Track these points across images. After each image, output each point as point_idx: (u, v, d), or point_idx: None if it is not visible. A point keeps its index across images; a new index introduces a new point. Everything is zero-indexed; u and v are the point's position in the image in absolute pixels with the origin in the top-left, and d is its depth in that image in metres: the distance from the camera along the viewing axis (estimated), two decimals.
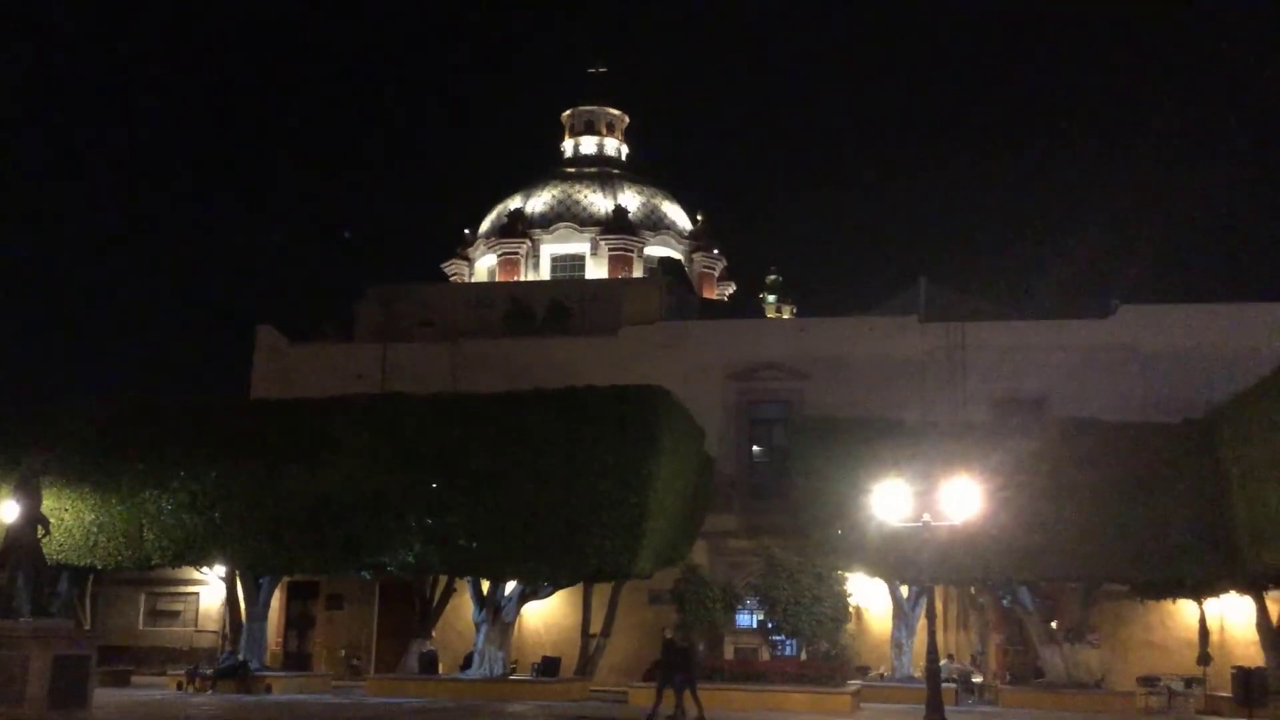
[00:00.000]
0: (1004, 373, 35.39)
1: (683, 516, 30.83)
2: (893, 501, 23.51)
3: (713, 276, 55.48)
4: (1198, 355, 33.98)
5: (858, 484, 26.56)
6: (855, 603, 32.30)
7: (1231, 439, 26.37)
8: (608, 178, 55.35)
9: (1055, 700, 28.39)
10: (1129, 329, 35.79)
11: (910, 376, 35.99)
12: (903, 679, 29.84)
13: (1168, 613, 33.32)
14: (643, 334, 38.62)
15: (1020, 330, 36.65)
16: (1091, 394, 33.39)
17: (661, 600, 32.28)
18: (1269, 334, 32.21)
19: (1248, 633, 30.90)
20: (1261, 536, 25.24)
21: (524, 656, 33.28)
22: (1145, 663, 32.17)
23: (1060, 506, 27.73)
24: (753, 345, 38.18)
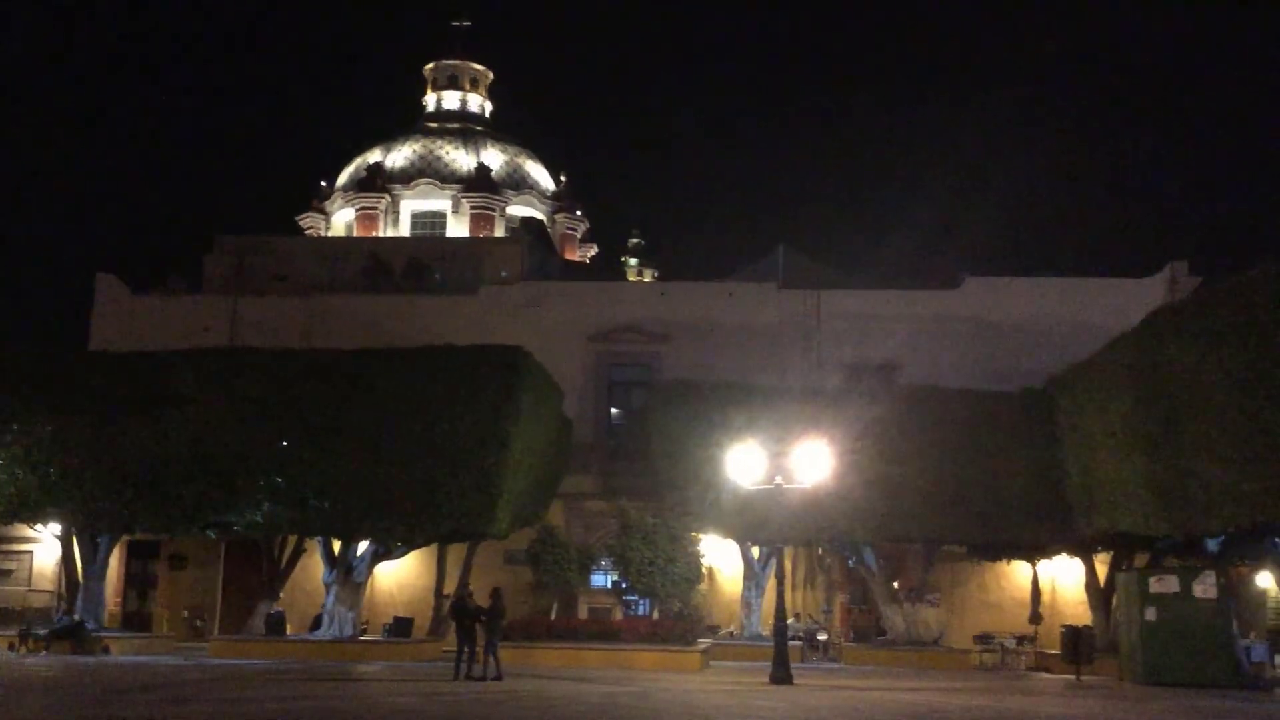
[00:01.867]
0: (857, 340, 36.36)
1: (540, 477, 30.84)
2: (747, 464, 23.95)
3: (575, 238, 55.34)
4: (1039, 327, 35.45)
5: (714, 447, 26.98)
6: (708, 563, 32.85)
7: (1067, 408, 27.55)
8: (471, 135, 54.56)
9: (895, 657, 29.46)
10: (975, 300, 37.08)
11: (768, 342, 36.64)
12: (751, 637, 30.54)
13: (1003, 573, 34.83)
14: (503, 294, 38.33)
15: (873, 299, 37.60)
16: (938, 362, 34.58)
17: (517, 560, 32.28)
18: (1106, 308, 33.68)
19: (1077, 593, 32.53)
20: (1092, 501, 26.50)
21: (376, 617, 32.91)
22: (981, 621, 33.57)
23: (905, 471, 28.65)
24: (613, 308, 38.27)
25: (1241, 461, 20.07)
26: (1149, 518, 23.94)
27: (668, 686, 21.10)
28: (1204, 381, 21.00)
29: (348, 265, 41.59)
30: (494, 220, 51.06)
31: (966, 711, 18.24)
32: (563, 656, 26.41)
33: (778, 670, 22.45)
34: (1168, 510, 23.11)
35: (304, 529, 29.14)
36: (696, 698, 19.38)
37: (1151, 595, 25.34)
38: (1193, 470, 21.67)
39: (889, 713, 17.71)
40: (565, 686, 20.85)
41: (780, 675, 22.34)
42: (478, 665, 22.04)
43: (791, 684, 22.01)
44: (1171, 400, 22.17)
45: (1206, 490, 21.34)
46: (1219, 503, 21.13)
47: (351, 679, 22.30)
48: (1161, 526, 23.98)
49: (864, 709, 18.26)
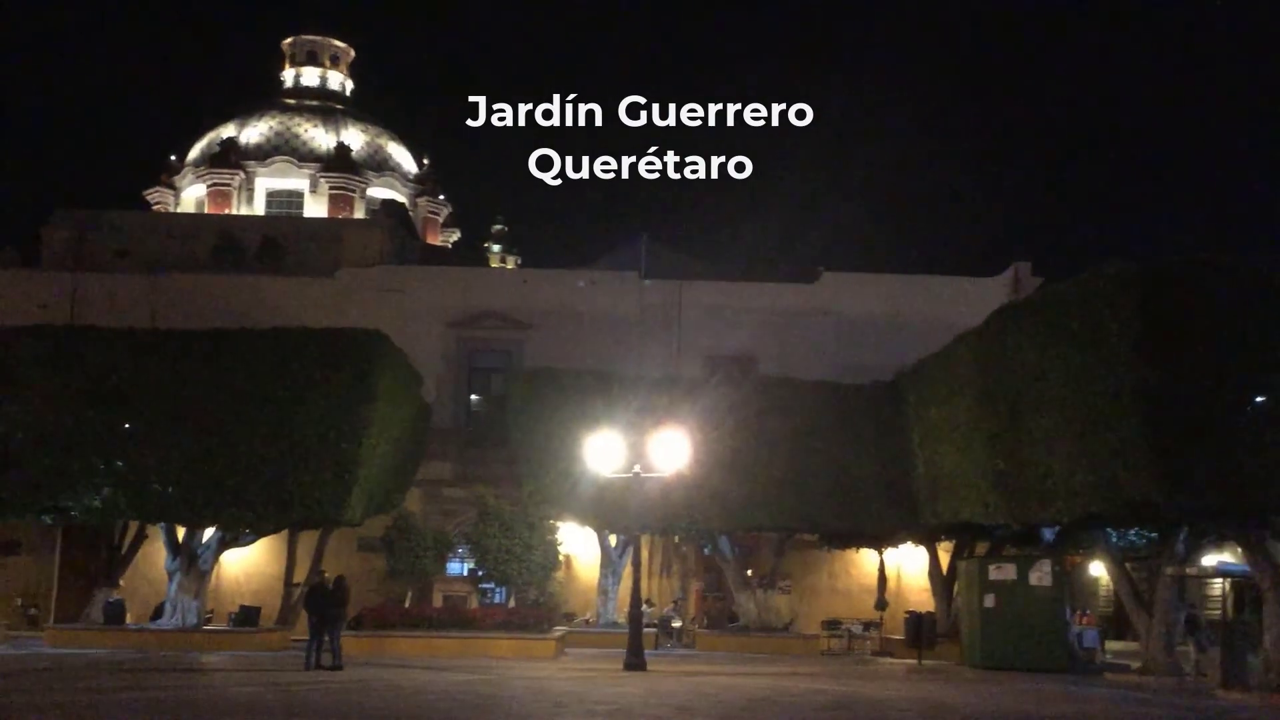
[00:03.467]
0: (716, 330, 36.78)
1: (397, 464, 30.39)
2: (606, 452, 24.06)
3: (437, 222, 54.65)
4: (891, 322, 36.37)
5: (573, 435, 26.98)
6: (565, 551, 32.85)
7: (915, 401, 28.40)
8: (330, 113, 53.33)
9: (746, 643, 30.00)
10: (831, 294, 37.90)
11: (629, 331, 36.80)
12: (607, 624, 30.69)
13: (852, 561, 35.76)
14: (362, 277, 37.60)
15: (732, 291, 38.11)
16: (795, 354, 35.21)
17: (371, 548, 31.75)
18: (954, 305, 34.75)
19: (921, 580, 33.61)
20: (937, 492, 27.39)
21: (221, 606, 31.95)
22: (830, 607, 34.40)
23: (760, 461, 29.14)
24: (475, 294, 37.92)
25: (1076, 455, 20.98)
26: (989, 508, 24.84)
27: (522, 674, 21.08)
28: (1044, 377, 21.87)
29: (198, 243, 40.23)
30: (354, 201, 50.06)
31: (812, 695, 18.71)
32: (416, 645, 26.11)
33: (632, 657, 22.63)
34: (1007, 501, 24.01)
35: (146, 515, 28.12)
36: (550, 685, 19.42)
37: (990, 583, 26.39)
38: (1031, 463, 22.55)
39: (738, 697, 18.03)
40: (418, 675, 20.65)
41: (634, 662, 22.52)
42: (328, 655, 21.65)
43: (645, 670, 22.23)
44: (1013, 395, 23.02)
45: (1044, 482, 22.23)
46: (1055, 494, 22.04)
47: (194, 669, 21.67)
48: (1001, 516, 24.92)
49: (714, 694, 18.55)
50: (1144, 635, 26.52)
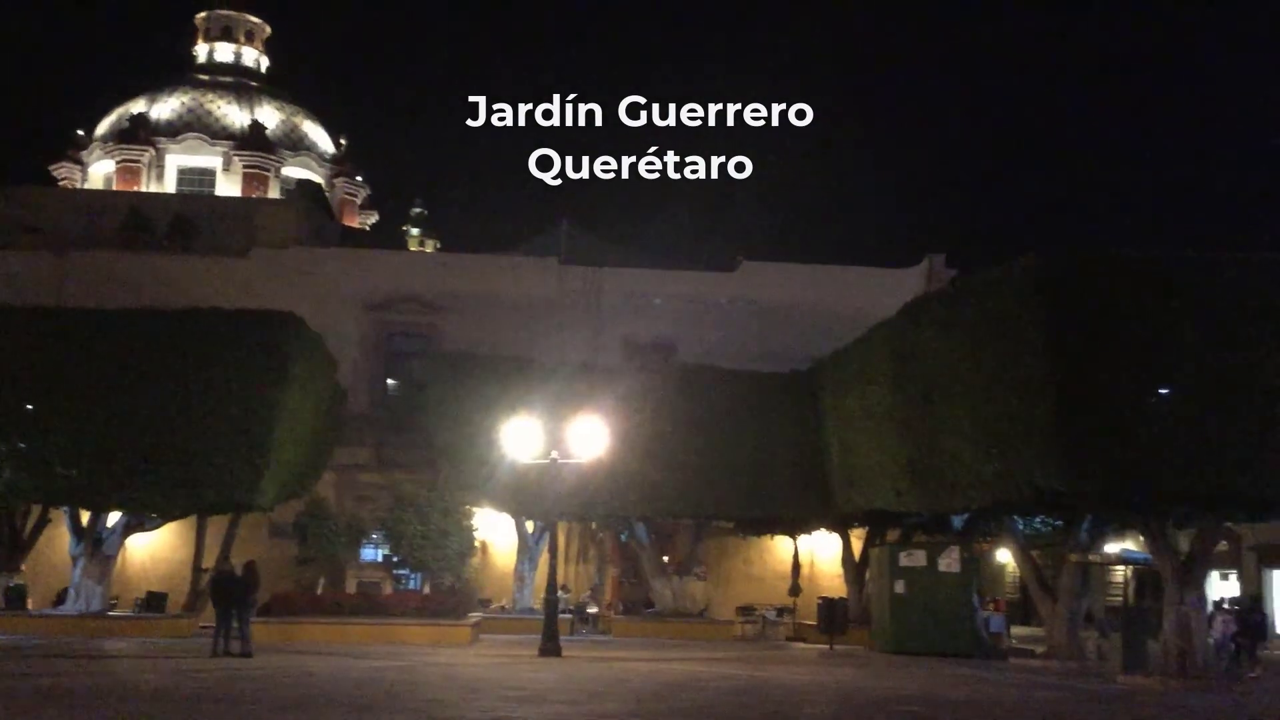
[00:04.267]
0: (636, 317, 36.86)
1: (310, 449, 29.93)
2: (524, 438, 23.98)
3: (354, 204, 53.91)
4: (810, 311, 36.72)
5: (491, 420, 26.83)
6: (482, 537, 32.73)
7: (830, 390, 28.73)
8: (245, 90, 52.26)
9: (662, 629, 30.19)
10: (750, 283, 38.19)
11: (549, 316, 36.69)
12: (523, 611, 30.65)
13: (766, 548, 36.15)
14: (276, 258, 36.96)
15: (653, 278, 38.20)
16: (713, 341, 35.44)
17: (284, 534, 31.33)
18: (871, 295, 35.08)
19: (834, 566, 34.11)
20: (851, 480, 27.76)
21: (127, 592, 31.25)
22: (745, 593, 34.73)
23: (678, 448, 29.27)
24: (393, 277, 37.52)
25: (986, 444, 21.39)
26: (901, 496, 25.25)
27: (436, 660, 20.96)
28: (955, 368, 22.25)
29: (106, 220, 39.23)
30: (268, 181, 49.15)
31: (725, 680, 18.88)
32: (329, 632, 25.81)
33: (547, 643, 22.64)
34: (919, 489, 24.41)
35: (49, 498, 27.36)
36: (464, 671, 19.34)
37: (901, 569, 26.84)
38: (942, 452, 22.94)
39: (652, 682, 18.12)
40: (330, 662, 20.41)
41: (549, 648, 22.53)
42: (236, 642, 21.30)
43: (560, 656, 22.25)
44: (925, 385, 23.38)
45: (954, 471, 22.64)
46: (965, 483, 22.46)
47: (99, 656, 21.17)
48: (912, 504, 25.35)
49: (628, 679, 18.62)
50: (1048, 621, 27.20)
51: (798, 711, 15.36)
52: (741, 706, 15.59)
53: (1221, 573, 35.44)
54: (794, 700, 16.57)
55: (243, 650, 21.12)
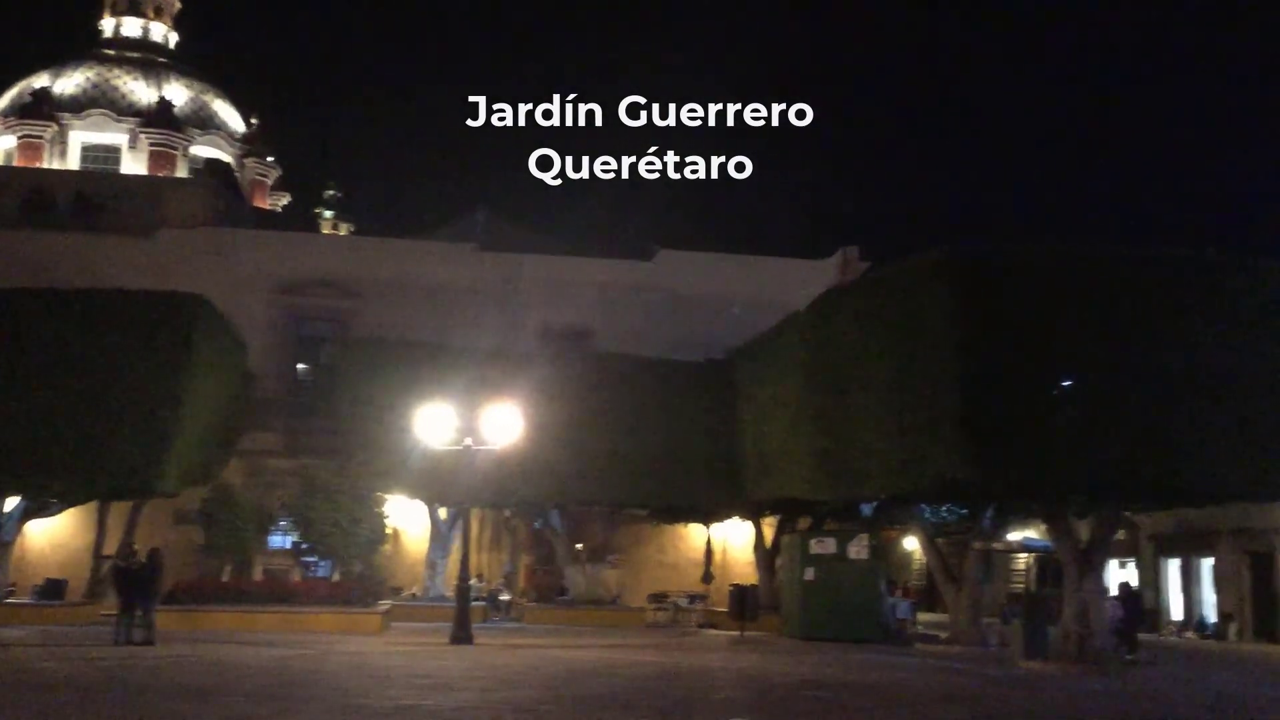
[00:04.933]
0: (553, 304, 36.77)
1: (217, 434, 29.36)
2: (437, 425, 23.78)
3: (266, 185, 52.86)
4: (726, 301, 36.93)
5: (404, 406, 26.55)
6: (393, 524, 32.44)
7: (745, 379, 28.98)
8: (152, 66, 50.91)
9: (575, 616, 30.23)
10: (666, 272, 38.30)
11: (465, 302, 36.41)
12: (435, 598, 30.46)
13: (680, 535, 36.38)
14: (184, 238, 36.16)
15: (570, 265, 38.12)
16: (630, 329, 35.46)
17: (189, 520, 30.73)
18: (786, 286, 35.46)
19: (746, 554, 34.44)
20: (764, 468, 28.02)
21: (25, 579, 30.38)
22: (658, 581, 34.94)
23: (593, 435, 29.29)
24: (305, 260, 36.93)
25: (895, 434, 21.71)
26: (813, 484, 25.53)
27: (345, 649, 20.73)
28: (866, 359, 22.55)
29: (6, 197, 38.02)
30: (176, 160, 47.96)
31: (636, 666, 18.97)
32: (235, 620, 25.39)
33: (458, 630, 22.54)
34: (830, 478, 24.70)
35: None
36: (374, 659, 19.16)
37: (811, 556, 27.21)
38: (854, 441, 23.23)
39: (563, 669, 18.15)
40: (236, 650, 20.09)
41: (461, 635, 22.43)
42: (139, 630, 20.85)
43: (472, 644, 22.17)
44: (838, 375, 23.66)
45: (864, 460, 22.95)
46: (874, 471, 22.77)
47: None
48: (824, 493, 25.66)
49: (539, 666, 18.63)
50: (952, 607, 27.80)
51: (708, 697, 15.50)
52: (652, 692, 15.68)
53: (1120, 561, 36.50)
54: (704, 685, 16.71)
55: (145, 639, 20.68)
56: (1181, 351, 19.61)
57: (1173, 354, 19.60)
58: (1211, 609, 33.10)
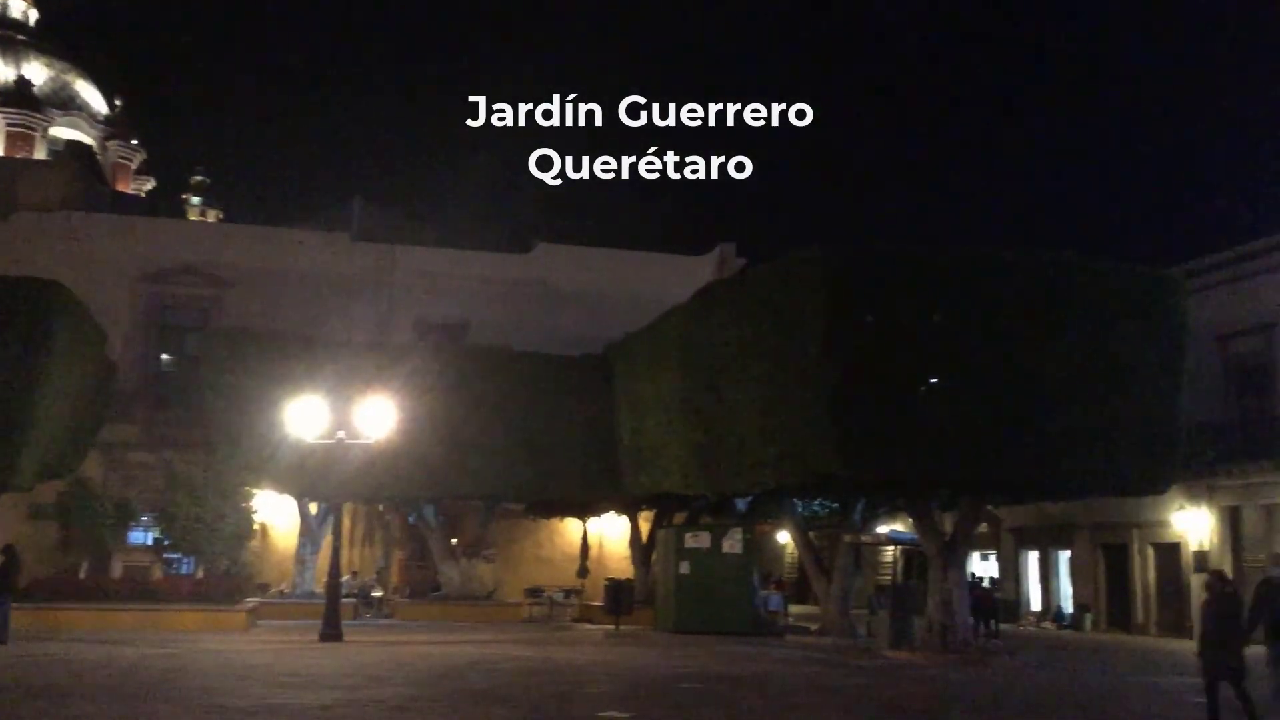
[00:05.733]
0: (429, 296, 36.27)
1: (74, 425, 28.11)
2: (308, 417, 23.27)
3: (129, 169, 51.06)
4: (605, 295, 36.88)
5: (273, 399, 25.91)
6: (261, 520, 31.65)
7: (622, 374, 29.06)
8: (10, 43, 48.72)
9: (449, 612, 29.93)
10: (544, 265, 38.12)
11: (339, 293, 35.63)
12: (304, 595, 29.83)
13: (556, 530, 36.31)
14: (40, 222, 34.63)
15: (447, 257, 37.65)
16: (509, 323, 35.15)
17: (45, 515, 29.49)
18: (664, 281, 35.53)
19: (622, 548, 34.58)
20: (640, 462, 28.15)
21: None
22: (534, 575, 34.82)
23: (469, 429, 29.01)
24: (170, 247, 35.71)
25: (768, 429, 22.05)
26: (689, 479, 25.78)
27: (209, 648, 20.17)
28: (741, 355, 22.85)
29: None
30: (34, 141, 46.01)
31: (510, 661, 18.88)
32: (93, 618, 24.44)
33: (328, 628, 22.13)
34: (705, 472, 24.97)
35: None
36: (238, 657, 18.67)
37: (686, 550, 27.47)
38: (728, 436, 23.53)
39: (435, 665, 17.95)
40: (92, 649, 19.37)
41: (330, 633, 22.04)
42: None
43: (341, 641, 21.79)
44: (713, 371, 23.92)
45: (739, 455, 23.26)
46: (748, 467, 23.10)
47: None
48: (699, 487, 25.92)
49: (411, 662, 18.39)
50: (823, 599, 28.35)
51: (581, 690, 15.50)
52: (526, 687, 15.62)
53: (982, 553, 37.71)
54: (579, 680, 16.71)
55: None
56: (1042, 351, 20.35)
57: (1034, 353, 20.32)
58: (1068, 600, 34.39)
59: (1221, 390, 29.03)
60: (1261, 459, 27.37)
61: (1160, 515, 29.88)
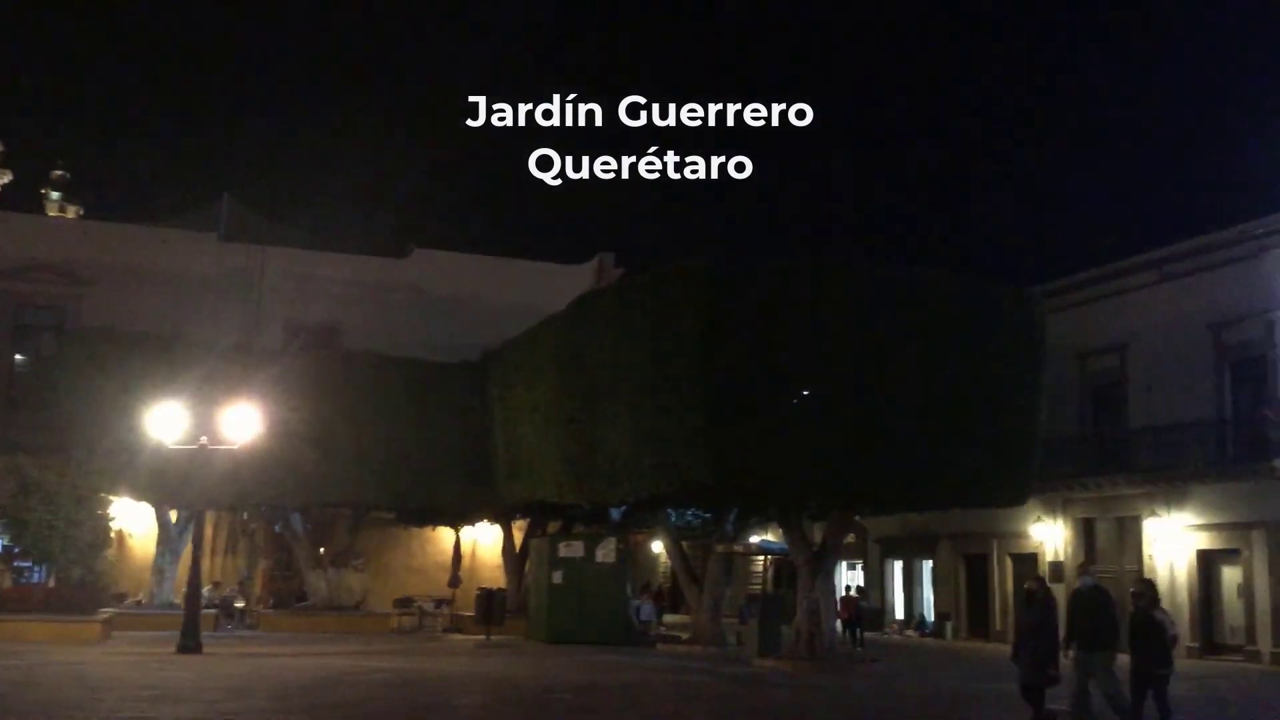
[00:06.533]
0: (299, 299, 35.44)
1: None
2: (169, 423, 22.53)
3: None
4: (482, 302, 36.57)
5: (132, 403, 25.01)
6: (119, 527, 30.52)
7: (498, 382, 28.87)
8: None
9: (315, 623, 29.29)
10: (421, 271, 37.65)
11: (205, 295, 34.58)
12: (162, 605, 28.85)
13: (428, 538, 35.84)
14: None
15: (320, 260, 36.86)
16: (383, 329, 34.54)
17: None
18: (542, 289, 35.35)
19: (495, 558, 34.31)
20: (515, 471, 27.99)
21: None
22: (405, 585, 34.28)
23: (340, 435, 28.49)
24: (25, 243, 34.22)
25: (643, 439, 22.12)
26: (564, 488, 25.71)
27: (60, 660, 19.33)
28: (617, 364, 22.88)
29: None
30: None
31: (376, 673, 18.55)
32: None
33: (186, 639, 21.47)
34: (580, 482, 24.93)
35: None
36: (92, 670, 17.96)
37: (560, 559, 27.42)
38: (603, 445, 23.54)
39: (299, 677, 17.54)
40: None
41: (189, 644, 21.39)
42: None
43: (201, 653, 21.17)
44: (589, 380, 23.91)
45: (613, 464, 23.28)
46: (623, 476, 23.14)
47: None
48: (573, 496, 25.87)
49: (273, 675, 17.93)
50: (694, 608, 28.56)
51: (449, 703, 15.32)
52: (391, 700, 15.37)
53: (849, 563, 38.48)
54: (447, 692, 16.50)
55: None
56: (909, 366, 20.83)
57: (900, 368, 20.79)
58: (931, 608, 35.30)
59: (1078, 406, 30.17)
60: (1114, 473, 28.53)
61: (1019, 526, 30.88)
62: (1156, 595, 14.13)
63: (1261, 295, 26.00)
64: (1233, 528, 26.29)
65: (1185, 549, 27.26)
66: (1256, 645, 25.36)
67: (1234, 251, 26.72)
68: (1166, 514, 27.54)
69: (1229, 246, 26.85)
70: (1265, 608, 25.33)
